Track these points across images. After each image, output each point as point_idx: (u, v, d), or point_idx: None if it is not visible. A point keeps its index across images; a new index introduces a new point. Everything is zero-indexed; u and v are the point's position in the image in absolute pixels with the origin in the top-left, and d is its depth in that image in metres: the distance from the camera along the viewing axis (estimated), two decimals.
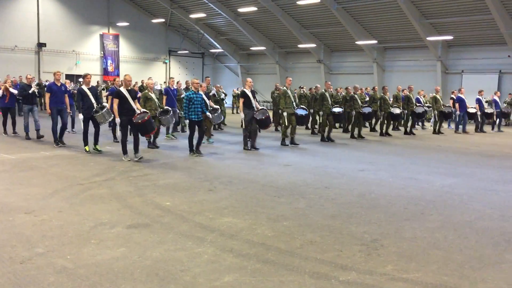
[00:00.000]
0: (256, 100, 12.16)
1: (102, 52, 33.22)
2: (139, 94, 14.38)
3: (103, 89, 21.28)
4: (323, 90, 14.62)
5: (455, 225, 5.78)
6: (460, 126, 18.53)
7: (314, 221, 5.89)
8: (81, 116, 10.66)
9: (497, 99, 19.64)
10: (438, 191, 7.71)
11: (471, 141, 15.73)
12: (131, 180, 8.06)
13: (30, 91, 12.98)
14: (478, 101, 18.76)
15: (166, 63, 37.39)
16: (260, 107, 12.16)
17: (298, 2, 25.18)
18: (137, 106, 10.01)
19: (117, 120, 9.87)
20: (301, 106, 14.04)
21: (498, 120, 19.67)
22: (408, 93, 17.28)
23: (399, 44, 28.46)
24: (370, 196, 7.29)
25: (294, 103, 13.03)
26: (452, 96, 18.20)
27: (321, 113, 14.45)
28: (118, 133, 11.40)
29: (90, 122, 10.82)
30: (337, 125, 17.34)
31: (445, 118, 18.45)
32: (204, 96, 11.17)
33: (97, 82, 21.11)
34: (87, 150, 10.81)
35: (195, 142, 10.93)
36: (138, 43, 35.39)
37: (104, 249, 4.69)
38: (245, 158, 10.87)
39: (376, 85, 22.21)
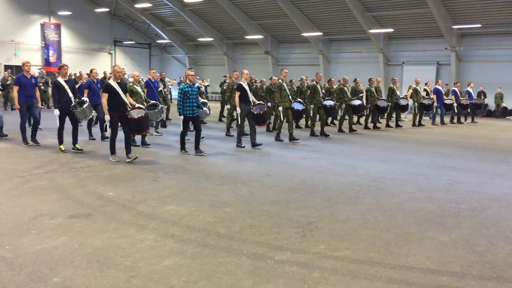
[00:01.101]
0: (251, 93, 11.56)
1: (43, 42, 32.09)
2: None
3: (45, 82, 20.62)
4: (314, 82, 13.76)
5: (385, 207, 6.17)
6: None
7: (255, 207, 6.12)
8: (56, 111, 9.67)
9: (470, 90, 19.86)
10: (373, 177, 8.13)
11: (440, 132, 16.16)
12: (73, 172, 8.00)
13: None
14: (454, 93, 19.04)
15: (111, 53, 36.59)
16: (257, 102, 11.48)
17: None
18: (129, 100, 9.13)
19: (107, 117, 8.80)
20: (298, 99, 12.99)
21: (471, 111, 19.89)
22: (392, 85, 17.04)
23: (344, 36, 29.21)
24: (310, 183, 7.60)
25: (289, 96, 12.39)
26: (426, 87, 18.32)
27: (311, 106, 13.73)
28: (108, 131, 9.82)
29: (67, 119, 9.89)
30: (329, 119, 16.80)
31: (425, 110, 18.14)
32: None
33: (38, 73, 20.35)
34: (63, 149, 9.86)
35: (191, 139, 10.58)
36: (81, 33, 34.42)
37: (44, 238, 4.71)
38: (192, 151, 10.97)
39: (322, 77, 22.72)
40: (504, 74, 23.92)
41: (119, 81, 9.00)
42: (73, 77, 19.78)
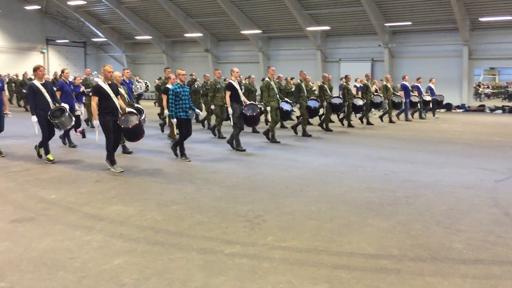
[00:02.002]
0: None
1: None
2: (82, 88, 12.94)
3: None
4: (299, 81, 13.11)
5: (328, 198, 6.43)
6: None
7: (202, 203, 6.19)
8: (34, 118, 8.69)
9: (432, 86, 20.05)
10: (316, 170, 8.42)
11: (401, 128, 16.40)
12: (11, 176, 7.72)
13: None
14: (417, 88, 19.04)
15: (43, 52, 35.11)
16: (249, 102, 10.97)
17: None
18: (119, 103, 8.31)
19: (95, 122, 8.08)
20: (286, 99, 12.44)
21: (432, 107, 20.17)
22: (366, 81, 16.82)
23: (282, 33, 29.67)
24: (255, 178, 7.76)
25: (277, 95, 11.93)
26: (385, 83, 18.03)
27: (297, 105, 13.13)
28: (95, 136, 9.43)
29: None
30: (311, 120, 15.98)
31: (394, 107, 17.99)
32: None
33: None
34: (51, 159, 8.88)
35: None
36: (10, 31, 32.79)
37: None
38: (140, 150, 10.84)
39: (262, 74, 23.06)
40: (433, 69, 25.18)
41: (109, 82, 8.17)
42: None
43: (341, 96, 15.20)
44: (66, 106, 9.23)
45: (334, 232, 5.07)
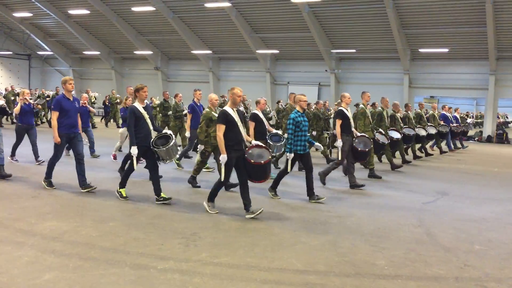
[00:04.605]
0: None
1: None
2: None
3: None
4: (381, 108, 12.06)
5: (264, 216, 6.61)
6: None
7: (140, 220, 6.22)
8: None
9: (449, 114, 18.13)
10: (257, 188, 8.58)
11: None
12: None
13: None
14: (444, 118, 16.97)
15: None
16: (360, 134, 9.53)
17: (133, 9, 25.13)
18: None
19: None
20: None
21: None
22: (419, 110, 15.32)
23: (233, 55, 30.13)
24: (195, 196, 7.86)
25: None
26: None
27: (314, 133, 12.22)
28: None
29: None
30: None
31: (441, 137, 15.92)
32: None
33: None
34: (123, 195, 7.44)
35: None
36: None
37: None
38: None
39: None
40: (376, 96, 26.20)
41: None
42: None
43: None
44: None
45: (267, 249, 5.25)
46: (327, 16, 24.20)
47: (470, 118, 27.37)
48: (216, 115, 8.20)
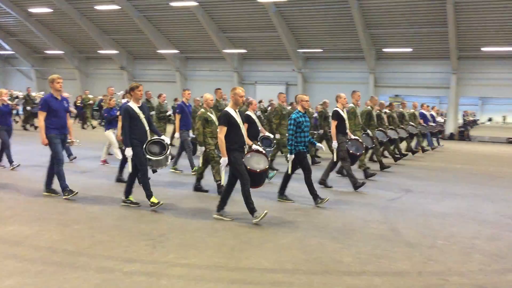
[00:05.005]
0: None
1: None
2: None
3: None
4: (370, 107, 11.88)
5: (233, 216, 6.59)
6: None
7: (105, 223, 6.11)
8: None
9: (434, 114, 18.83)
10: None
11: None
12: None
13: None
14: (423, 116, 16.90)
15: None
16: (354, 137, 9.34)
17: (97, 7, 24.68)
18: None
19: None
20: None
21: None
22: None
23: (200, 54, 29.97)
24: (163, 197, 7.77)
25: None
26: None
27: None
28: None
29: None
30: None
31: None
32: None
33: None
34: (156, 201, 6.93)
35: None
36: None
37: None
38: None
39: (178, 94, 23.04)
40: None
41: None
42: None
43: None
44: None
45: (234, 248, 5.24)
46: (294, 16, 24.37)
47: (439, 116, 27.92)
48: (212, 115, 8.22)
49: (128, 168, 6.92)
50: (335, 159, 8.93)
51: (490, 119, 51.93)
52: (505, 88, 24.56)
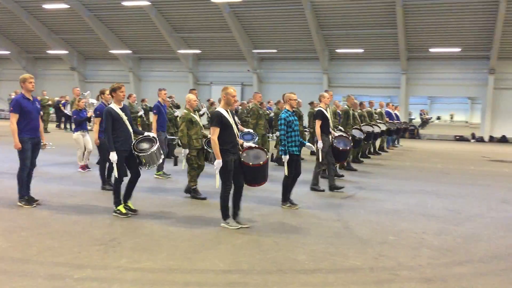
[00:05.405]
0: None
1: None
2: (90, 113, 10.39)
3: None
4: (347, 107, 12.08)
5: (188, 219, 6.55)
6: None
7: (55, 228, 5.92)
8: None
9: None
10: (178, 193, 8.48)
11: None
12: None
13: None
14: (388, 114, 17.32)
15: None
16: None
17: (45, 6, 23.89)
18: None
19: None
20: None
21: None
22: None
23: (154, 55, 29.57)
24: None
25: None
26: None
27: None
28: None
29: None
30: None
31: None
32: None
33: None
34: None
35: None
36: None
37: None
38: None
39: (133, 94, 22.62)
40: (297, 95, 26.91)
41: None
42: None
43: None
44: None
45: (189, 250, 5.20)
46: (248, 16, 24.46)
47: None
48: (196, 116, 8.02)
49: (114, 173, 6.56)
50: (320, 159, 8.75)
51: (438, 118, 53.91)
52: (452, 87, 25.62)
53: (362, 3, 22.08)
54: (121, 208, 6.59)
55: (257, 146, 6.77)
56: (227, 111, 6.16)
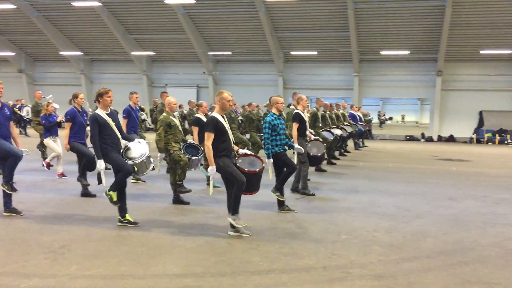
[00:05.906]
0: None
1: None
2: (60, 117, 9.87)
3: None
4: (315, 109, 12.09)
5: (142, 223, 6.43)
6: None
7: (1, 236, 5.70)
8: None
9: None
10: (133, 195, 8.33)
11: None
12: None
13: None
14: (352, 117, 17.69)
15: None
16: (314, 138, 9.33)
17: None
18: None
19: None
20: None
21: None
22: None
23: (106, 56, 28.97)
24: (65, 207, 7.41)
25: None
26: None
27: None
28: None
29: None
30: None
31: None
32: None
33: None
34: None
35: None
36: None
37: None
38: None
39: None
40: (253, 97, 26.83)
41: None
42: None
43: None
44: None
45: (142, 256, 5.11)
46: (202, 18, 24.37)
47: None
48: (175, 120, 7.86)
49: (102, 181, 6.33)
50: (295, 162, 8.37)
51: (390, 118, 55.47)
52: (403, 89, 26.45)
53: (315, 6, 22.45)
54: (112, 194, 6.26)
55: (252, 154, 6.57)
56: (222, 116, 5.97)
